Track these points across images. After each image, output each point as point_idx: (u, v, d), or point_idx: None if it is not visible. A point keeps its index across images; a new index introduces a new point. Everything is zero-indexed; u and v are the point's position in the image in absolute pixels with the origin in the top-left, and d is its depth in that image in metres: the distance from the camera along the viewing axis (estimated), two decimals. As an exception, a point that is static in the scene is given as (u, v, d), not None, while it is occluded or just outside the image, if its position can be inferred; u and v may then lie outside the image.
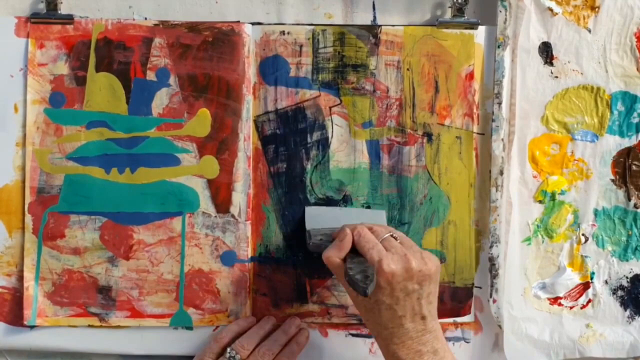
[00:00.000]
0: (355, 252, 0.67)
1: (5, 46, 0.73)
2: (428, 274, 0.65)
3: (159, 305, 0.75)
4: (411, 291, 0.64)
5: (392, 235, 0.68)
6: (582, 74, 0.76)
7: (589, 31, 0.76)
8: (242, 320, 0.75)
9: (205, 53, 0.74)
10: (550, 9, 0.75)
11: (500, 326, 0.76)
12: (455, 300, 0.77)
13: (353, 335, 0.77)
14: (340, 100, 0.75)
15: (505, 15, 0.75)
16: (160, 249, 0.75)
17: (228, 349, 0.71)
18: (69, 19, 0.73)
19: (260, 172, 0.75)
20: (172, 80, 0.74)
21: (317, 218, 0.74)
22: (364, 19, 0.76)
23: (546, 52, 0.76)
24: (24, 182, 0.74)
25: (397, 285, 0.64)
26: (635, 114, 0.77)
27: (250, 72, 0.75)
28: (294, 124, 0.75)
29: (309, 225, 0.74)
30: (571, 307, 0.78)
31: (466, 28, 0.75)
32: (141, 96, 0.74)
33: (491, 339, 0.78)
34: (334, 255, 0.67)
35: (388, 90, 0.76)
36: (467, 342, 0.77)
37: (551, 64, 0.76)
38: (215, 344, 0.72)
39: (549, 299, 0.78)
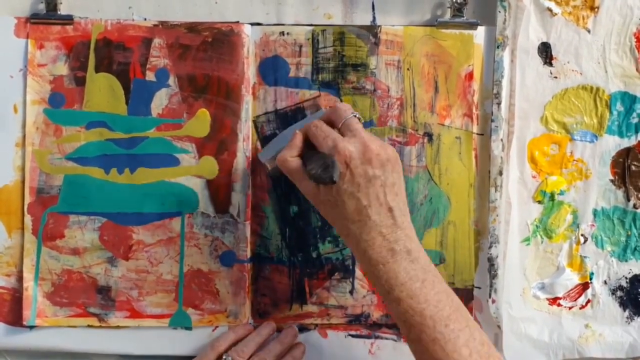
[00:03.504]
0: (314, 149, 0.65)
1: (5, 46, 0.73)
2: (387, 158, 0.62)
3: (158, 306, 0.75)
4: (372, 177, 0.61)
5: (355, 116, 0.65)
6: (581, 74, 0.77)
7: (589, 31, 0.76)
8: (240, 327, 0.75)
9: (205, 53, 0.74)
10: (550, 10, 0.75)
11: (499, 326, 0.76)
12: (455, 301, 0.77)
13: (352, 336, 0.77)
14: (341, 100, 0.75)
15: (505, 15, 0.75)
16: (160, 249, 0.75)
17: (224, 356, 0.71)
18: (68, 19, 0.73)
19: (259, 173, 0.75)
20: (172, 80, 0.74)
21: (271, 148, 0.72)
22: (364, 19, 0.76)
23: (545, 52, 0.76)
24: (23, 182, 0.74)
25: (356, 170, 0.61)
26: (634, 115, 0.77)
27: (250, 72, 0.75)
28: (294, 124, 0.75)
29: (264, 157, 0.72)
30: (570, 308, 0.78)
31: (465, 28, 0.76)
32: (140, 96, 0.74)
33: (490, 339, 0.77)
34: (287, 156, 0.64)
35: (389, 90, 0.75)
36: (467, 342, 0.77)
37: (550, 64, 0.76)
38: (211, 351, 0.72)
39: (548, 299, 0.78)
